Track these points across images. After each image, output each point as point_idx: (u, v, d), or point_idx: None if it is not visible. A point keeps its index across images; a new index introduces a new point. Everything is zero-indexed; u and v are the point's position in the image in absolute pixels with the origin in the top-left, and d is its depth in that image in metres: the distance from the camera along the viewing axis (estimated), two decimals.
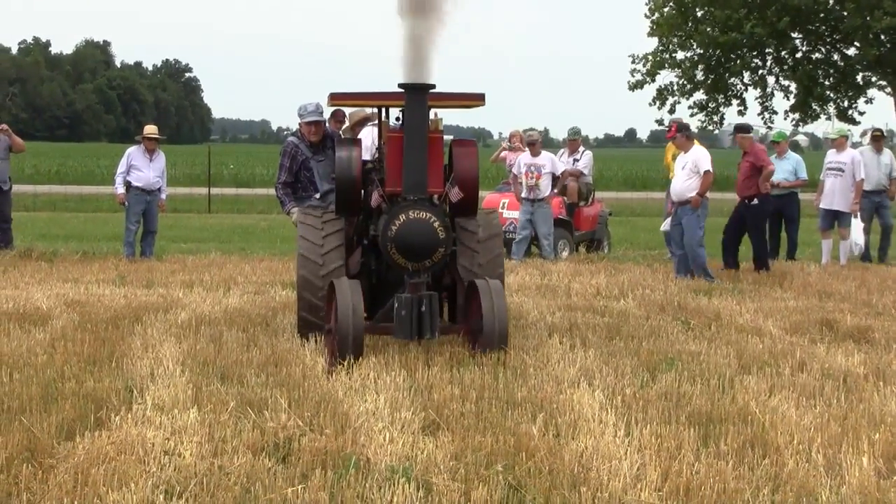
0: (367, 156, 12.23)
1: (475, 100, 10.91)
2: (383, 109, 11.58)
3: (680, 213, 17.38)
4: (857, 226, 19.91)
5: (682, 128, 18.27)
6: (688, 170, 17.21)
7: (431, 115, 10.41)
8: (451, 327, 10.26)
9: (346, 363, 9.32)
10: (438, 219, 9.50)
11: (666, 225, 18.63)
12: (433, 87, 9.72)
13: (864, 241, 20.03)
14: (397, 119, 10.84)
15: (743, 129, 18.93)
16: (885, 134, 28.90)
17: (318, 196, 11.54)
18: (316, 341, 10.60)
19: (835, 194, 19.99)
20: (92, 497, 6.29)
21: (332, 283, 9.74)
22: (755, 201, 17.93)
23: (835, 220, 20.14)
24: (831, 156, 20.60)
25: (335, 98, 11.18)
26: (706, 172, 16.98)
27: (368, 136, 13.61)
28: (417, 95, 9.65)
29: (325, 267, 10.04)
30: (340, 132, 12.72)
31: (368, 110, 13.84)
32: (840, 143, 20.85)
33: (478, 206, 10.53)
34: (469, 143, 10.84)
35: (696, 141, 18.19)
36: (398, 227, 9.41)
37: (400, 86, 9.69)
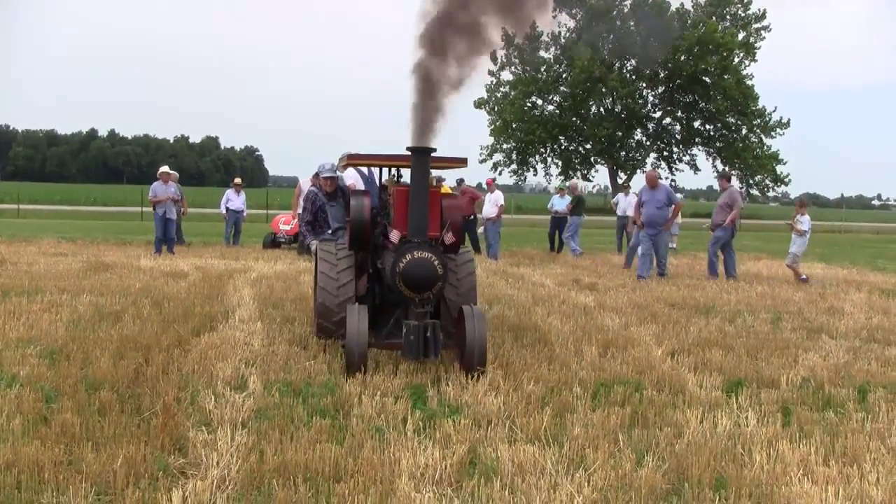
0: (349, 182, 9.36)
1: (459, 162, 7.58)
2: (386, 169, 8.21)
3: (487, 224, 17.58)
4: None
5: (492, 181, 18.35)
6: (492, 202, 17.39)
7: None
8: (447, 345, 6.73)
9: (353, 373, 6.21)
10: (437, 257, 6.35)
11: (482, 230, 18.26)
12: (434, 150, 6.42)
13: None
14: (396, 177, 7.92)
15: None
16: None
17: (329, 232, 8.73)
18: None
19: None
20: (209, 365, 6.19)
21: (347, 308, 6.55)
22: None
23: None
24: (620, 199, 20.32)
25: (351, 158, 7.52)
26: (500, 206, 17.38)
27: (351, 177, 9.77)
28: (422, 157, 6.39)
29: (339, 281, 7.06)
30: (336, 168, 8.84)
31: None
32: (625, 188, 21.73)
33: (460, 246, 7.30)
34: (455, 198, 7.70)
35: (496, 188, 18.05)
36: (405, 264, 6.27)
37: (408, 149, 6.39)
